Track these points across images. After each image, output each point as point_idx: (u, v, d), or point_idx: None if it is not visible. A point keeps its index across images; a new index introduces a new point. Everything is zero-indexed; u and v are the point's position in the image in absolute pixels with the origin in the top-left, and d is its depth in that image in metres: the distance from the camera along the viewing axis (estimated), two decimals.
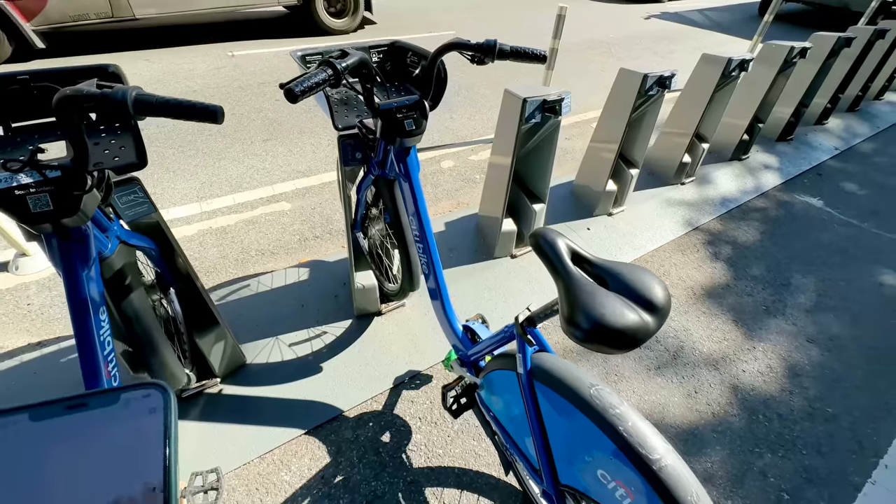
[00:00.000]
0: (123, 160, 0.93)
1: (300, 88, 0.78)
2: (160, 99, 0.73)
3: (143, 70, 4.22)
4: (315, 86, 0.81)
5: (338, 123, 1.21)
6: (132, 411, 0.24)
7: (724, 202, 2.83)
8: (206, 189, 2.56)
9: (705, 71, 2.50)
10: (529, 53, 1.04)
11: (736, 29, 7.73)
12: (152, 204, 1.09)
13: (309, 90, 0.80)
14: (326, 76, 0.83)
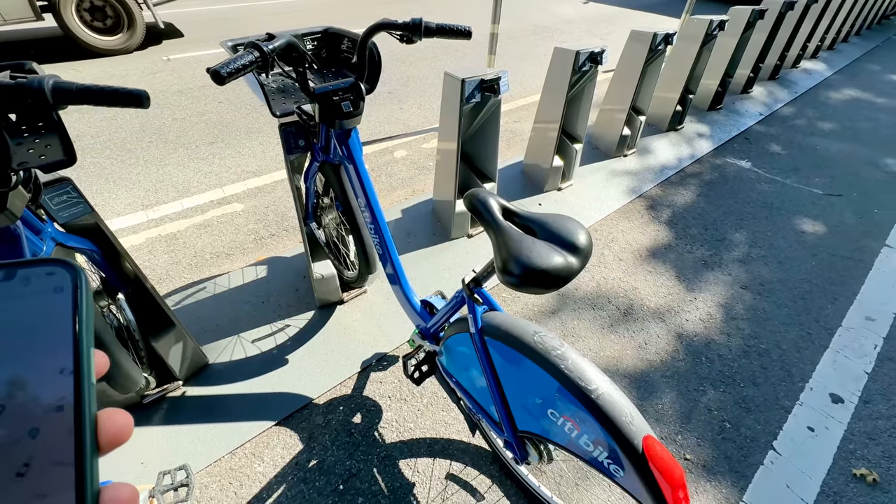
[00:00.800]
0: (50, 158, 0.90)
1: (227, 70, 0.79)
2: (80, 86, 0.72)
3: (70, 77, 3.95)
4: (242, 67, 0.82)
5: (275, 110, 1.22)
6: (33, 289, 0.21)
7: (663, 170, 3.01)
8: (151, 196, 2.47)
9: (635, 47, 2.65)
10: (454, 30, 1.09)
11: (667, 9, 8.14)
12: (88, 203, 1.07)
13: (236, 72, 0.81)
14: (253, 58, 0.85)
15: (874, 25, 7.49)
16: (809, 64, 5.30)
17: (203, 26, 5.77)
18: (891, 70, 5.57)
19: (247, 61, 0.83)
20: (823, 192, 2.92)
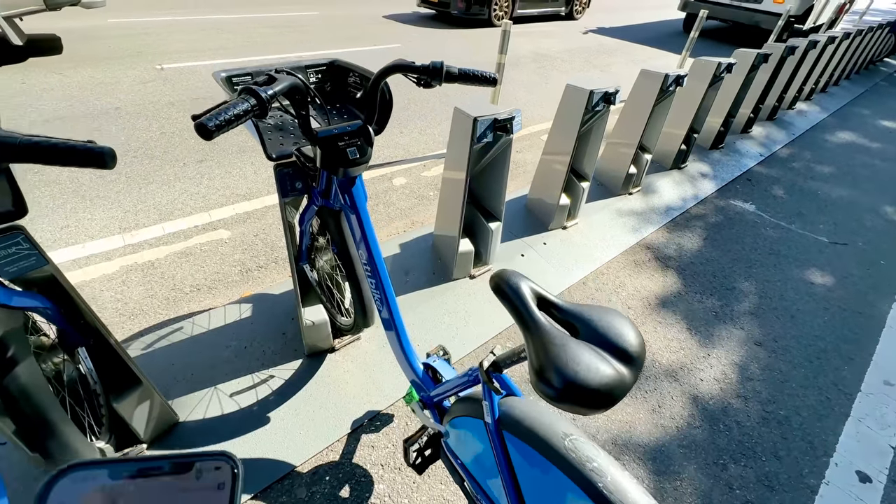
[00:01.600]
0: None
1: (214, 123, 0.66)
2: (26, 140, 0.58)
3: (55, 84, 3.79)
4: (234, 118, 0.69)
5: (271, 153, 1.08)
6: (202, 484, 0.22)
7: (668, 211, 2.94)
8: (131, 218, 2.30)
9: (645, 86, 2.60)
10: (479, 76, 0.98)
11: (663, 43, 8.30)
12: (42, 255, 0.91)
13: (226, 124, 0.68)
14: (248, 107, 0.72)
15: (862, 70, 7.72)
16: (804, 106, 5.38)
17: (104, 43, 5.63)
18: (881, 115, 5.69)
19: (240, 111, 0.70)
20: (829, 240, 2.87)
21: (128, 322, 1.77)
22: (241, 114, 0.70)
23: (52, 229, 2.15)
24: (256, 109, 0.73)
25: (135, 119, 3.33)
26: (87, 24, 5.75)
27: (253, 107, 0.72)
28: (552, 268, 2.28)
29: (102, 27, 5.69)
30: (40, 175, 2.55)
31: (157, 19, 6.32)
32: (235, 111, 0.69)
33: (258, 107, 0.73)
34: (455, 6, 7.58)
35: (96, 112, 3.37)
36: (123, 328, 1.75)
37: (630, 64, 6.65)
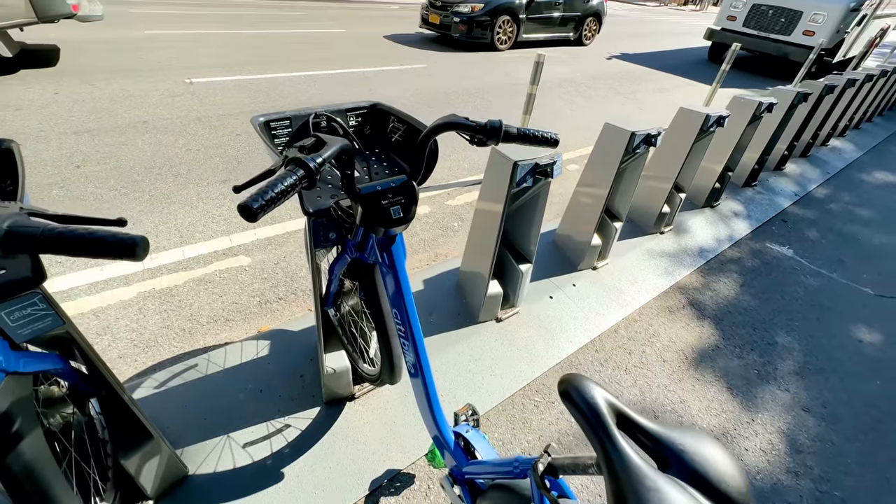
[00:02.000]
0: (11, 275, 0.69)
1: (260, 204, 0.58)
2: (49, 230, 0.51)
3: (86, 95, 3.85)
4: (281, 195, 0.61)
5: (308, 207, 1.01)
6: None
7: (701, 252, 2.82)
8: (152, 240, 2.26)
9: (684, 124, 2.50)
10: (541, 137, 0.90)
11: (689, 72, 8.22)
12: (58, 314, 0.84)
13: (273, 203, 0.60)
14: (296, 180, 0.64)
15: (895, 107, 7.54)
16: (838, 143, 5.22)
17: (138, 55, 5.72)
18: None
19: (288, 186, 0.62)
20: (874, 292, 2.71)
21: (142, 354, 1.71)
22: (289, 189, 0.63)
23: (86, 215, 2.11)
24: (305, 182, 0.66)
25: (162, 134, 3.33)
26: (125, 35, 5.90)
27: (301, 179, 0.65)
28: (582, 312, 2.17)
29: (138, 38, 5.82)
30: (64, 190, 2.54)
31: (190, 32, 6.46)
32: (283, 186, 0.62)
33: (307, 179, 0.66)
34: (456, 29, 7.42)
35: (125, 125, 3.39)
36: (137, 361, 1.68)
37: (656, 92, 6.57)
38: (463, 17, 7.27)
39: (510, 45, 8.02)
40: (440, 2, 7.67)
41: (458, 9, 7.31)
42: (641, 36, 12.49)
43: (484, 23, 7.38)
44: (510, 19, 7.70)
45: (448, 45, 7.70)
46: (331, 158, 0.72)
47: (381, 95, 4.82)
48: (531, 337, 1.99)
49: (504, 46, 7.92)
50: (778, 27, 8.06)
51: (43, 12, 3.73)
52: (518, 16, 7.78)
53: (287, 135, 1.11)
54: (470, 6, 7.30)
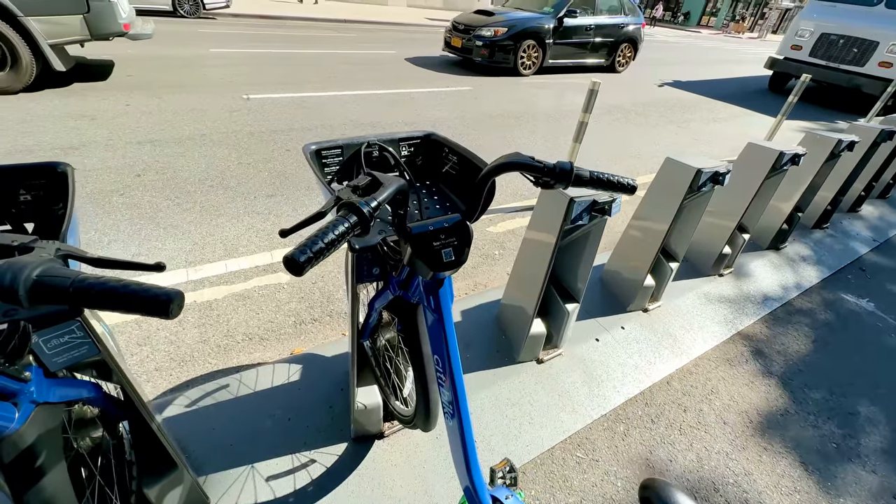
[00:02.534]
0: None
1: (307, 256, 0.52)
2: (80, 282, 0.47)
3: (154, 108, 4.10)
4: (331, 246, 0.55)
5: (354, 243, 0.95)
6: None
7: (766, 300, 2.56)
8: (198, 252, 2.30)
9: (752, 161, 2.31)
10: (616, 183, 0.80)
11: (747, 102, 7.83)
12: (95, 342, 0.81)
13: (321, 254, 0.54)
14: (348, 227, 0.58)
15: None
16: None
17: (203, 71, 5.99)
18: None
19: (338, 234, 0.56)
20: None
21: (177, 369, 1.70)
22: (339, 238, 0.56)
23: (123, 256, 2.18)
24: (358, 230, 0.59)
25: (217, 147, 3.47)
26: (193, 52, 6.32)
27: (354, 227, 0.58)
28: (631, 359, 1.99)
29: (204, 56, 6.22)
30: (124, 197, 2.66)
31: (251, 51, 6.84)
32: (333, 235, 0.55)
33: (360, 226, 0.59)
34: (477, 53, 7.20)
35: (184, 137, 3.57)
36: (171, 375, 1.68)
37: (711, 122, 6.27)
38: (485, 40, 7.07)
39: (535, 71, 7.77)
40: (463, 25, 7.50)
41: (480, 32, 7.13)
42: (695, 63, 12.13)
43: (507, 47, 7.18)
44: (535, 44, 7.46)
45: (470, 70, 7.57)
46: (386, 202, 0.65)
47: (426, 117, 4.86)
48: (574, 383, 1.84)
49: (528, 72, 7.67)
50: (850, 58, 7.56)
51: (96, 31, 4.04)
52: (544, 40, 7.51)
53: (338, 163, 1.07)
54: (493, 30, 7.10)
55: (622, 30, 8.59)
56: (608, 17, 8.32)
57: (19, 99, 3.90)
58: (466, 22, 7.49)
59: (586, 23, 7.95)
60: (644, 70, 9.80)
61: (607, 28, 8.33)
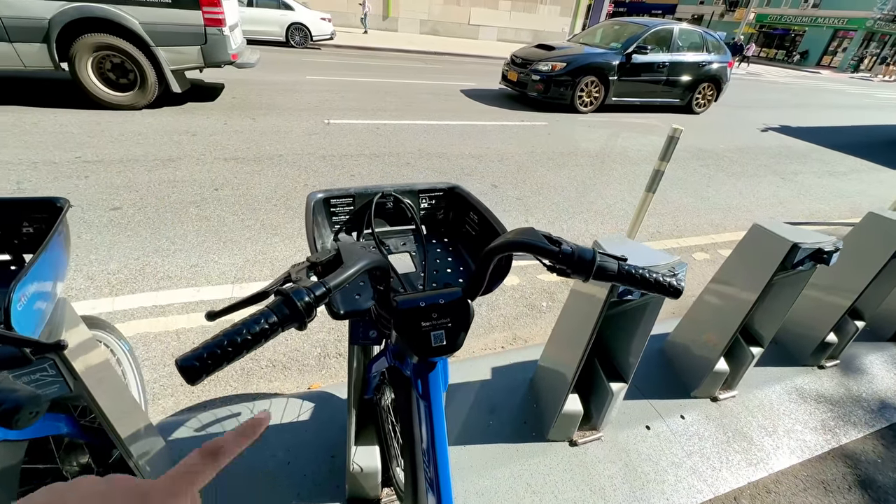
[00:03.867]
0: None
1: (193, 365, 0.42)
2: None
3: (246, 128, 4.50)
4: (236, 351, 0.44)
5: (339, 308, 0.85)
6: None
7: (883, 409, 2.03)
8: (248, 269, 2.39)
9: (874, 234, 1.88)
10: (654, 282, 0.62)
11: (871, 154, 6.73)
12: (68, 381, 0.79)
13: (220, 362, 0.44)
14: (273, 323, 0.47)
15: None
16: None
17: (295, 96, 6.33)
18: None
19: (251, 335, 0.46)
20: None
21: (198, 388, 1.72)
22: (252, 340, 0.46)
23: (183, 266, 2.33)
24: (291, 326, 0.49)
25: (290, 167, 3.69)
26: (291, 78, 6.97)
27: (282, 322, 0.48)
28: (689, 460, 1.65)
29: (300, 82, 6.82)
30: (198, 209, 2.89)
31: (341, 79, 7.38)
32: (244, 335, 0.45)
33: (292, 322, 0.49)
34: (532, 88, 6.92)
35: (263, 157, 3.85)
36: (193, 393, 1.70)
37: (826, 175, 5.45)
38: (542, 75, 6.80)
39: (594, 108, 7.28)
40: (521, 59, 7.28)
41: (537, 67, 6.88)
42: (810, 107, 10.84)
43: (564, 82, 6.83)
44: (597, 80, 7.02)
45: (525, 104, 7.24)
46: (345, 283, 0.54)
47: (495, 150, 4.80)
48: (613, 478, 1.55)
49: (587, 109, 7.20)
50: None
51: (210, 59, 4.64)
52: (608, 77, 7.04)
53: (348, 213, 0.99)
54: (551, 65, 6.81)
55: (703, 68, 7.82)
56: (687, 55, 7.64)
57: (142, 114, 4.52)
58: (525, 56, 7.30)
59: (659, 60, 7.35)
60: (738, 112, 8.94)
61: (685, 66, 7.64)
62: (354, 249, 0.60)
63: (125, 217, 2.70)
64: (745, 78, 16.29)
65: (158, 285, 2.20)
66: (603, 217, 3.60)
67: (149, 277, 2.24)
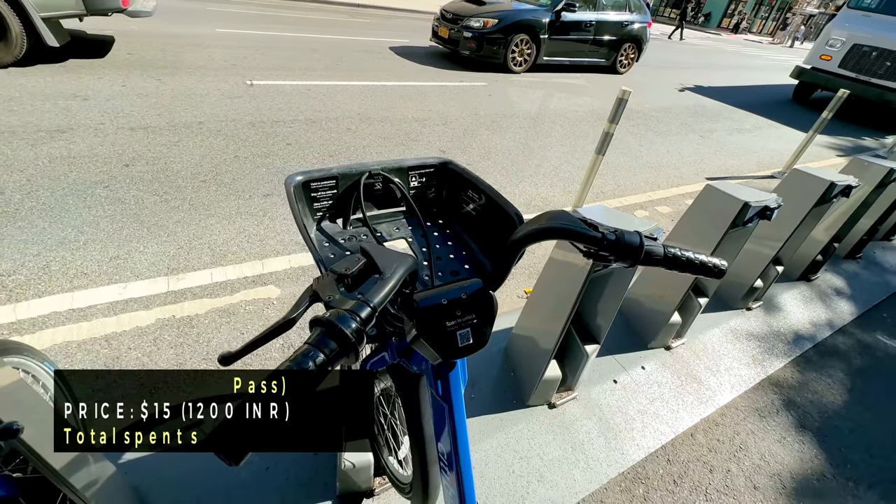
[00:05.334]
0: None
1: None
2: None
3: (151, 90, 3.88)
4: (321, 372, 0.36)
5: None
6: None
7: (797, 339, 2.36)
8: (183, 257, 2.11)
9: (797, 190, 2.09)
10: (699, 264, 0.60)
11: (772, 113, 7.52)
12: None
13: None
14: (323, 361, 0.38)
15: None
16: None
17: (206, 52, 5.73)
18: None
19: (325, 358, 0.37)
20: None
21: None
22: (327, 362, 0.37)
23: (101, 259, 2.00)
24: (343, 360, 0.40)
25: (214, 137, 3.26)
26: (197, 31, 6.07)
27: (333, 358, 0.39)
28: (652, 406, 1.80)
29: (210, 36, 5.97)
30: (108, 190, 2.46)
31: (260, 33, 6.58)
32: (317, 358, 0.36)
33: (345, 354, 0.40)
34: (464, 46, 6.58)
35: (180, 125, 3.36)
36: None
37: (735, 132, 6.00)
38: (474, 32, 6.48)
39: (527, 68, 7.12)
40: (451, 14, 6.87)
41: (468, 23, 6.52)
42: (716, 68, 11.76)
43: (496, 40, 6.56)
44: (528, 39, 6.82)
45: (457, 63, 6.96)
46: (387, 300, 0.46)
47: (438, 113, 4.63)
48: (590, 433, 1.65)
49: (519, 68, 7.02)
50: (883, 71, 7.23)
51: (92, 6, 3.81)
52: (539, 35, 6.87)
53: (331, 197, 0.86)
54: (482, 21, 6.49)
55: (626, 28, 7.97)
56: (611, 14, 7.73)
57: (9, 74, 3.69)
58: (455, 11, 6.89)
59: (586, 18, 7.36)
60: (657, 73, 9.47)
61: (610, 25, 7.72)
62: (385, 253, 0.51)
63: (10, 204, 2.23)
64: (659, 38, 17.17)
65: (72, 285, 1.86)
66: (551, 179, 3.66)
67: (57, 276, 1.89)
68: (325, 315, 0.42)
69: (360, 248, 0.53)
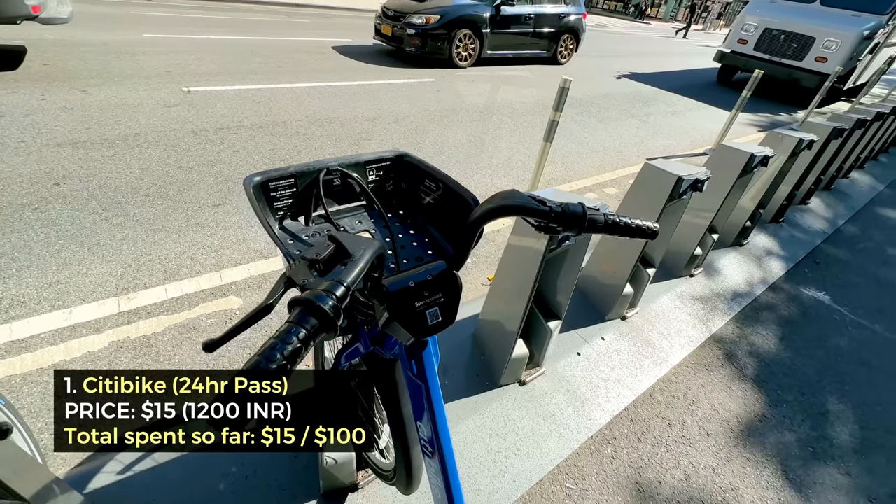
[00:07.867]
0: None
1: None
2: None
3: (76, 103, 3.61)
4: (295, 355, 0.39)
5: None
6: None
7: (735, 298, 2.59)
8: (131, 276, 2.01)
9: (724, 163, 2.29)
10: (635, 227, 0.67)
11: (700, 95, 8.08)
12: None
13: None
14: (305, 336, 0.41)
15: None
16: (857, 175, 5.06)
17: (135, 59, 5.51)
18: None
19: (291, 350, 0.39)
20: None
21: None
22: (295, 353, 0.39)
23: (39, 286, 1.86)
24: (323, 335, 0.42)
25: (153, 149, 3.10)
26: (122, 38, 5.69)
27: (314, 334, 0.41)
28: (614, 373, 1.93)
29: (137, 42, 5.61)
30: (39, 212, 2.29)
31: (191, 37, 6.26)
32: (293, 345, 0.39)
33: (324, 329, 0.42)
34: (409, 43, 6.64)
35: (114, 137, 3.16)
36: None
37: (670, 115, 6.41)
38: (417, 29, 6.52)
39: (472, 62, 7.25)
40: (392, 11, 6.85)
41: (411, 20, 6.55)
42: (648, 55, 12.45)
43: (440, 36, 6.62)
44: (471, 33, 6.93)
45: (403, 60, 6.97)
46: (359, 280, 0.49)
47: (388, 111, 4.62)
48: (559, 404, 1.75)
49: (465, 63, 7.15)
50: (790, 52, 7.97)
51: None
52: (481, 30, 7.00)
53: (290, 196, 0.87)
54: (424, 17, 6.53)
55: (563, 20, 8.28)
56: (548, 6, 8.01)
57: None
58: (396, 8, 6.88)
59: (525, 11, 7.59)
60: (595, 62, 9.91)
61: (548, 18, 8.00)
62: (352, 239, 0.54)
63: None
64: (595, 29, 17.91)
65: (8, 316, 1.73)
66: (504, 169, 3.77)
67: None
68: (303, 295, 0.45)
69: (329, 235, 0.56)
